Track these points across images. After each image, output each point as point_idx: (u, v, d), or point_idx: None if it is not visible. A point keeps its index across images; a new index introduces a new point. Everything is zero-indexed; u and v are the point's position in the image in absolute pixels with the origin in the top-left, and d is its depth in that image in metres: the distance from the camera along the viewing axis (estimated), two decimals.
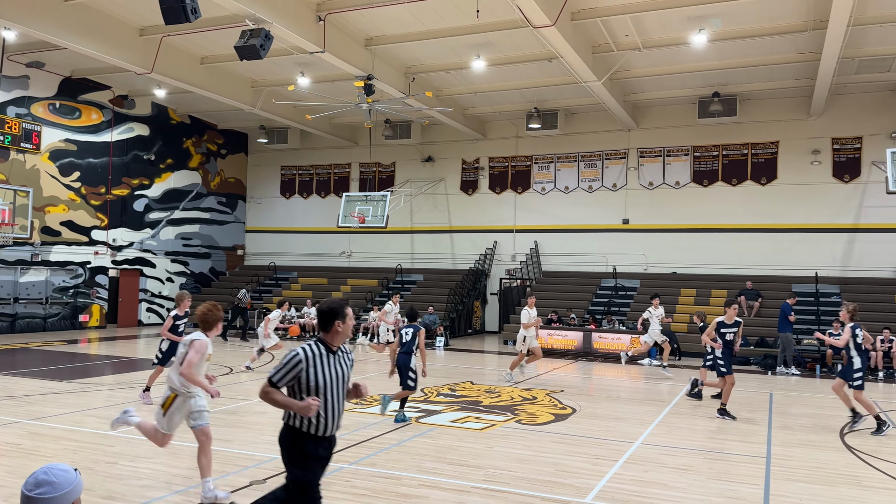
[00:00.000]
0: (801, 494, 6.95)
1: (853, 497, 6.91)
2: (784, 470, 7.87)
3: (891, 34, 17.32)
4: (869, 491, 7.14)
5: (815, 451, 8.87)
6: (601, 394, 13.68)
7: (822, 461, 8.37)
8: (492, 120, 27.25)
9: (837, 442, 9.46)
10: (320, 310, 4.56)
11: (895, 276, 21.74)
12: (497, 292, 26.84)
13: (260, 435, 9.03)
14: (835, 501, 6.76)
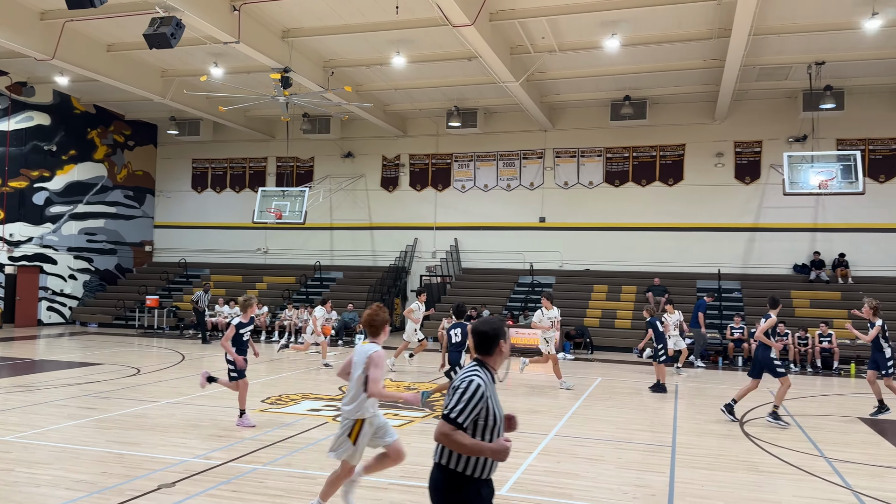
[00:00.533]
0: (704, 481, 7.29)
1: (751, 482, 7.31)
2: (688, 458, 8.24)
3: (788, 44, 18.40)
4: (766, 476, 7.57)
5: (717, 440, 9.33)
6: (518, 387, 13.92)
7: (724, 449, 8.81)
8: (412, 117, 27.24)
9: (738, 431, 9.98)
10: (481, 331, 3.95)
11: (791, 272, 23.14)
12: (418, 289, 26.84)
13: (168, 437, 8.71)
14: (734, 487, 7.13)
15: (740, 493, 6.89)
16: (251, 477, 7.02)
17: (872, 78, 20.93)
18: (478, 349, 3.96)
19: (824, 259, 22.64)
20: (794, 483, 7.29)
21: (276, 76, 18.31)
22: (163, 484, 6.67)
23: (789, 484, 7.24)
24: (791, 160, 18.38)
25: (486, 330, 3.92)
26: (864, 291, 21.27)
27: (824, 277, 22.23)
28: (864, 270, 22.37)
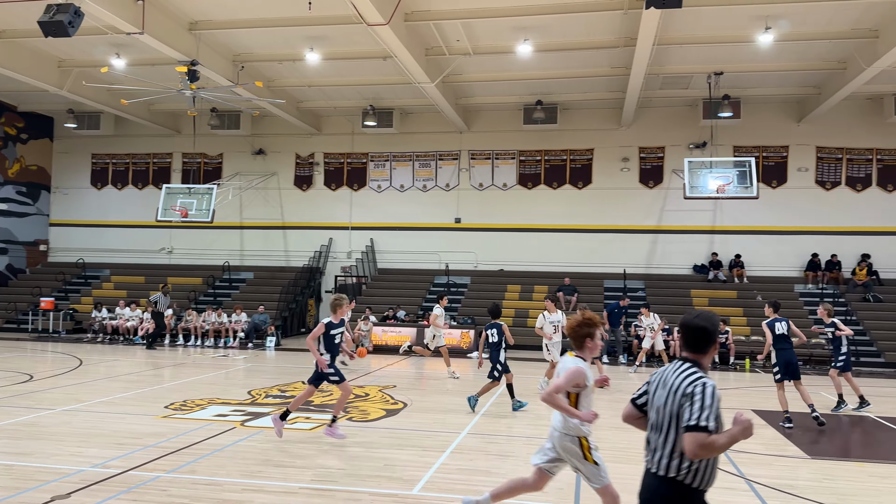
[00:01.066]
0: (612, 473, 7.53)
1: None
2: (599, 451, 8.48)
3: (690, 54, 19.33)
4: None
5: (625, 433, 9.63)
6: (432, 387, 13.98)
7: (631, 442, 9.12)
8: (327, 115, 26.90)
9: None
10: (698, 326, 3.60)
11: (691, 272, 24.31)
12: (332, 290, 26.52)
13: (63, 446, 8.22)
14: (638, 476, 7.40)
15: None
16: (153, 485, 6.72)
17: (766, 89, 22.27)
18: (692, 346, 3.66)
19: (721, 260, 23.92)
20: None
21: (183, 69, 17.65)
22: (56, 495, 6.29)
23: None
24: (691, 165, 19.30)
25: (703, 325, 3.61)
26: (758, 290, 22.67)
27: (722, 277, 23.49)
28: (758, 270, 23.78)
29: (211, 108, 24.81)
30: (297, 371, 15.76)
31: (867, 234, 23.18)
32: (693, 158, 20.20)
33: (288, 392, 12.50)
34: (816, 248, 23.31)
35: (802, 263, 23.51)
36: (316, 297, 26.59)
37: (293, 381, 13.97)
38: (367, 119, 24.74)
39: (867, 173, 23.49)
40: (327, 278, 26.82)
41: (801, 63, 19.79)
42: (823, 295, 21.98)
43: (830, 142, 23.63)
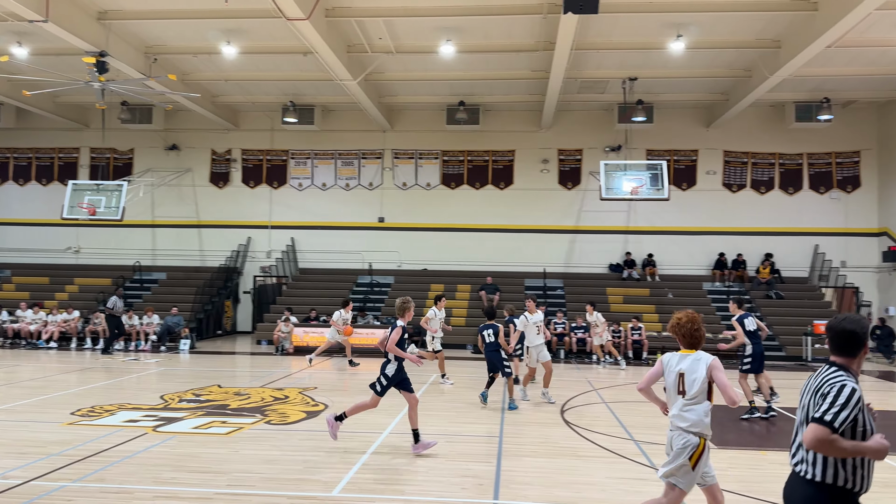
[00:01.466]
0: (527, 468, 7.69)
1: (572, 467, 7.81)
2: (514, 447, 8.65)
3: (606, 60, 19.91)
4: (582, 460, 8.13)
5: (540, 428, 9.87)
6: (354, 388, 13.85)
7: (546, 437, 9.34)
8: (245, 110, 26.23)
9: (559, 419, 10.63)
10: (847, 330, 3.51)
11: (607, 271, 25.07)
12: (251, 290, 25.90)
13: None
14: (555, 472, 7.59)
15: (559, 477, 7.34)
16: (58, 496, 6.38)
17: (677, 94, 23.21)
18: (840, 350, 3.58)
19: (635, 259, 24.78)
20: (608, 465, 7.89)
21: (91, 60, 16.79)
22: None
23: (603, 466, 7.83)
24: (607, 168, 19.89)
25: (853, 329, 3.52)
26: (669, 288, 23.60)
27: (635, 276, 24.34)
28: (669, 269, 24.76)
29: (121, 101, 23.76)
30: (213, 374, 15.30)
31: (770, 235, 24.53)
32: (609, 161, 20.82)
33: (203, 396, 12.12)
34: (723, 247, 24.49)
35: (710, 262, 24.65)
36: (233, 298, 25.88)
37: (208, 384, 13.55)
38: (288, 115, 24.28)
39: (770, 177, 24.85)
40: (245, 278, 26.16)
41: (709, 70, 20.74)
42: (730, 292, 23.10)
43: (737, 146, 24.87)
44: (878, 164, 24.22)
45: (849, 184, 24.50)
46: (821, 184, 24.61)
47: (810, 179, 24.65)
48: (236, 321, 26.22)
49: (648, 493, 6.85)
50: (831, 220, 24.44)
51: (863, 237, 24.26)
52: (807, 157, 24.65)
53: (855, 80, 21.19)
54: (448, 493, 6.74)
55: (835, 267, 23.79)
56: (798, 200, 24.65)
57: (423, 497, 6.59)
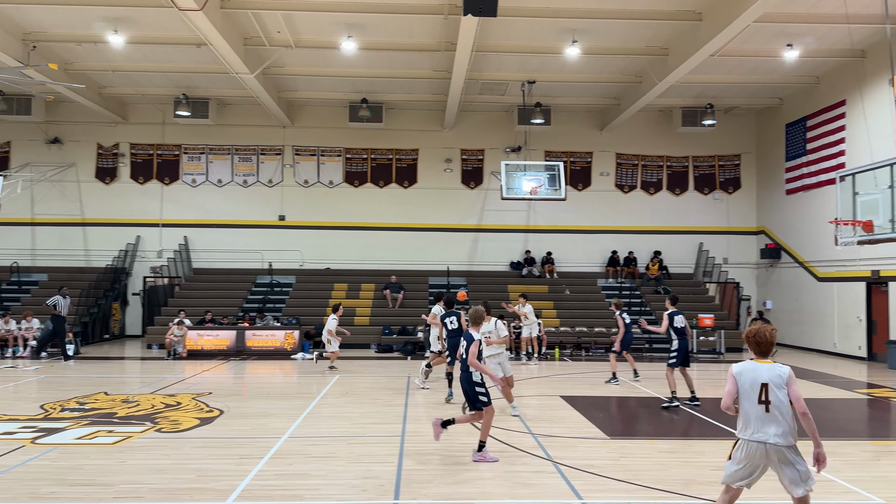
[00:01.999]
0: (429, 466, 7.72)
1: (472, 463, 7.90)
2: (416, 446, 8.66)
3: (506, 62, 20.31)
4: None
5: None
6: (253, 393, 13.48)
7: (448, 435, 9.39)
8: (134, 102, 24.96)
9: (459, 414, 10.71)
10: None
11: (508, 269, 25.59)
12: (140, 292, 24.67)
13: None
14: (456, 469, 7.66)
15: (460, 474, 7.41)
16: None
17: (573, 98, 23.99)
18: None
19: (535, 257, 25.44)
20: (506, 459, 8.05)
21: None
22: None
23: (502, 461, 7.97)
24: (508, 168, 20.26)
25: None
26: (567, 285, 24.37)
27: (535, 273, 24.99)
28: (567, 266, 25.58)
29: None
30: (99, 381, 14.45)
31: (659, 233, 25.81)
32: (509, 161, 21.23)
33: (88, 405, 11.43)
34: (616, 245, 25.55)
35: (604, 260, 25.66)
36: (122, 300, 24.57)
37: (94, 391, 12.79)
38: (180, 108, 23.29)
39: (659, 178, 26.14)
40: (135, 279, 24.91)
41: (603, 75, 21.56)
42: (622, 288, 24.14)
43: (628, 149, 26.00)
44: (756, 166, 25.97)
45: (730, 185, 26.14)
46: (705, 185, 26.13)
47: (695, 181, 26.12)
48: (125, 325, 24.91)
49: (545, 485, 7.05)
50: (714, 220, 26.00)
51: (743, 235, 25.97)
52: (692, 159, 26.11)
53: (736, 88, 22.63)
54: (347, 496, 6.66)
55: (718, 263, 25.32)
56: (684, 201, 26.07)
57: (321, 501, 6.49)
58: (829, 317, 21.44)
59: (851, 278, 20.27)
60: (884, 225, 12.17)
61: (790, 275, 23.67)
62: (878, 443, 9.31)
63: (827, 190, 20.55)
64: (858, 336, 20.05)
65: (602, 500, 6.54)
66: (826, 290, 21.56)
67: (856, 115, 19.72)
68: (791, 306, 23.57)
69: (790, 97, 23.47)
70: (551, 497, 6.65)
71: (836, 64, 20.25)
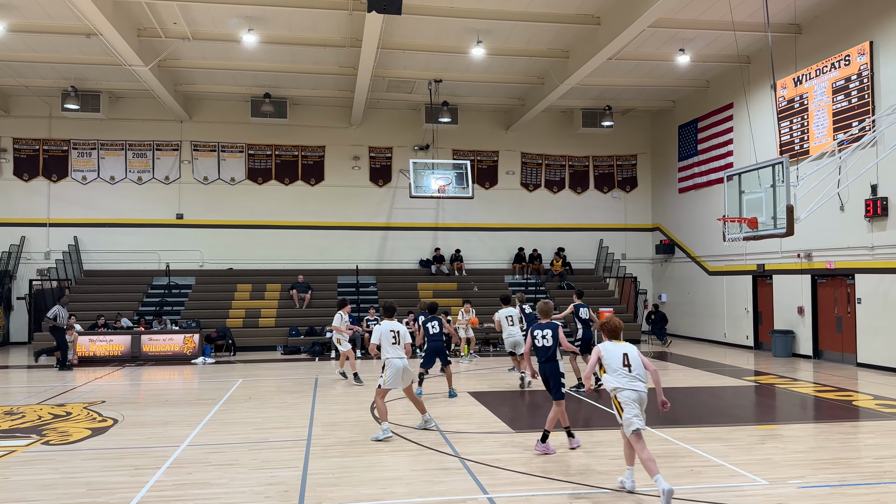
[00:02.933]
0: (335, 469, 7.62)
1: (377, 463, 7.86)
2: (322, 448, 8.53)
3: (412, 60, 20.30)
4: (389, 455, 8.22)
5: (349, 428, 9.84)
6: (150, 400, 12.87)
7: (355, 436, 9.33)
8: (17, 94, 23.31)
9: (368, 416, 10.67)
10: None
11: (417, 267, 25.63)
12: (25, 296, 23.08)
13: None
14: (362, 469, 7.59)
15: (367, 475, 7.36)
16: None
17: (479, 98, 24.29)
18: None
19: (444, 254, 25.61)
20: (413, 458, 8.06)
21: None
22: None
23: (409, 459, 7.98)
24: (416, 166, 20.32)
25: None
26: (475, 281, 24.67)
27: (444, 270, 25.15)
28: (475, 264, 25.90)
29: None
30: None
31: (561, 230, 26.56)
32: (417, 160, 21.26)
33: None
34: (522, 242, 26.10)
35: (511, 256, 26.16)
36: (5, 304, 22.90)
37: None
38: (69, 101, 21.93)
39: (561, 177, 26.89)
40: (20, 282, 23.27)
41: (507, 76, 21.94)
42: (528, 284, 24.69)
43: (532, 148, 26.60)
44: (651, 166, 27.16)
45: (628, 184, 27.23)
46: (604, 184, 27.11)
47: (595, 180, 27.04)
48: (9, 331, 23.23)
49: (451, 481, 7.10)
50: (613, 217, 27.02)
51: (639, 232, 27.12)
52: (592, 159, 27.01)
53: (632, 90, 23.57)
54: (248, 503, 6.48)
55: (617, 259, 26.33)
56: (585, 199, 26.95)
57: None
58: (719, 308, 22.73)
59: (739, 272, 21.56)
60: (767, 222, 12.99)
61: (683, 269, 24.93)
62: (764, 427, 9.95)
63: (716, 189, 21.76)
64: (746, 326, 21.36)
65: (507, 494, 6.65)
66: (716, 283, 22.84)
67: (742, 118, 20.97)
68: (684, 299, 24.82)
69: (682, 100, 24.69)
70: (458, 494, 6.70)
71: (724, 69, 21.45)
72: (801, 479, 7.10)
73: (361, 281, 24.30)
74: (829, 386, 13.62)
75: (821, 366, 16.93)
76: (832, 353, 17.79)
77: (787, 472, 7.40)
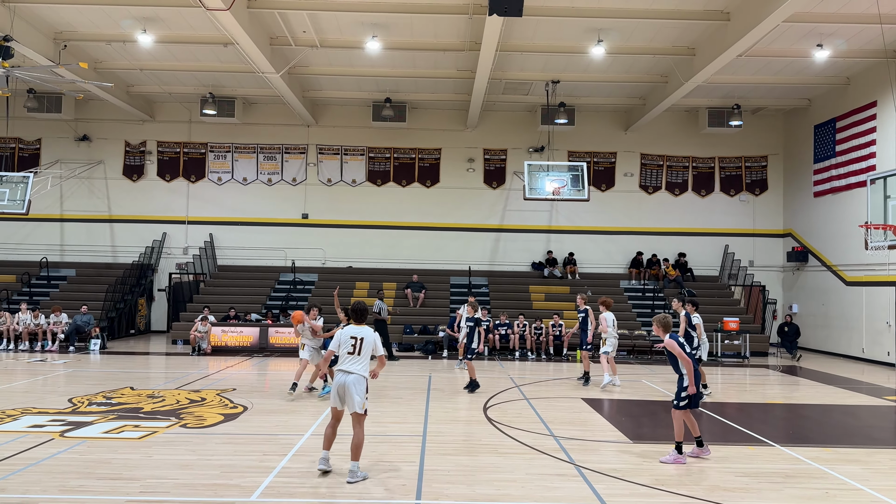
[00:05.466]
0: (450, 466, 7.73)
1: (492, 464, 7.90)
2: (437, 445, 8.68)
3: (529, 62, 20.24)
4: (504, 457, 8.24)
5: (463, 427, 9.95)
6: (276, 389, 13.57)
7: (469, 435, 9.42)
8: (161, 101, 25.27)
9: (482, 416, 10.74)
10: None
11: (529, 269, 25.51)
12: (166, 288, 24.98)
13: None
14: (476, 469, 7.66)
15: (482, 475, 7.41)
16: None
17: (598, 98, 23.83)
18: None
19: (556, 257, 25.33)
20: (528, 462, 8.03)
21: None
22: None
23: (524, 463, 7.96)
24: (531, 168, 20.20)
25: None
26: (589, 286, 24.21)
27: (557, 274, 24.88)
28: (589, 267, 25.43)
29: (28, 88, 22.46)
30: (125, 376, 14.68)
31: (683, 235, 25.55)
32: (532, 162, 21.15)
33: (115, 399, 11.61)
34: (639, 246, 25.34)
35: (627, 261, 25.46)
36: (147, 295, 24.91)
37: (120, 386, 12.99)
38: (206, 107, 23.54)
39: (684, 179, 25.88)
40: (161, 276, 25.23)
41: (628, 75, 21.39)
42: (645, 290, 23.93)
43: (653, 149, 25.77)
44: (783, 168, 25.61)
45: (757, 187, 25.80)
46: (731, 187, 25.82)
47: (721, 182, 25.82)
48: (150, 320, 25.24)
49: (567, 488, 7.02)
50: (740, 222, 25.68)
51: (769, 238, 25.62)
52: (718, 160, 25.80)
53: (763, 88, 22.33)
54: (367, 495, 6.70)
55: (743, 266, 25.00)
56: (709, 202, 25.78)
57: (345, 500, 6.52)
58: (856, 321, 21.08)
59: (880, 283, 19.91)
60: None
61: (817, 278, 23.31)
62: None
63: (856, 193, 20.21)
64: (887, 341, 19.68)
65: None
66: (854, 294, 21.20)
67: (887, 117, 19.36)
68: (818, 310, 23.20)
69: (819, 98, 23.11)
70: (574, 500, 6.61)
71: (867, 64, 19.89)
72: None
73: (474, 282, 24.48)
74: None
75: None
76: None
77: None
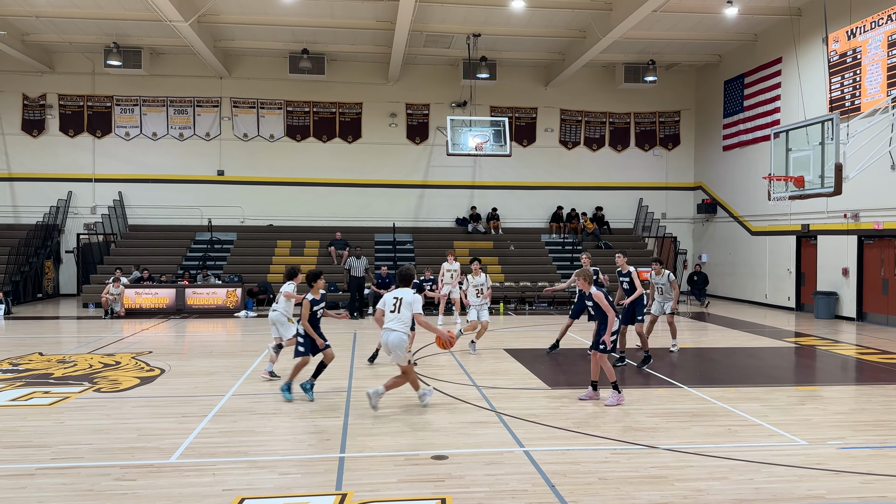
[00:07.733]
0: (374, 422, 7.80)
1: (415, 415, 8.02)
2: (362, 402, 8.70)
3: (450, 14, 19.98)
4: (428, 409, 8.37)
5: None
6: (195, 351, 13.28)
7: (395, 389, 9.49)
8: (61, 51, 23.65)
9: None
10: None
11: (454, 225, 25.65)
12: (74, 250, 23.80)
13: None
14: (400, 422, 7.76)
15: (404, 427, 7.52)
16: None
17: (519, 53, 23.85)
18: None
19: (480, 213, 25.55)
20: (450, 412, 8.20)
21: None
22: None
23: (447, 414, 8.12)
24: (453, 124, 20.13)
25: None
26: (511, 240, 24.63)
27: (480, 229, 25.14)
28: (512, 222, 25.80)
29: None
30: (33, 341, 14.01)
31: (600, 189, 26.21)
32: (455, 117, 21.07)
33: (22, 365, 11.08)
34: (560, 201, 25.86)
35: (548, 215, 25.97)
36: (55, 258, 23.67)
37: (28, 352, 12.39)
38: (111, 58, 22.21)
39: (601, 135, 26.43)
40: (68, 236, 24.00)
41: (548, 30, 21.46)
42: (565, 244, 24.53)
43: (572, 105, 26.12)
44: (695, 123, 26.50)
45: (670, 142, 26.65)
46: (646, 142, 26.57)
47: (636, 137, 26.52)
48: (59, 283, 24.06)
49: (488, 434, 7.22)
50: (654, 176, 26.54)
51: (681, 191, 26.62)
52: (634, 116, 26.44)
53: (677, 44, 22.89)
54: (293, 451, 6.69)
55: (657, 218, 25.95)
56: (625, 157, 26.49)
57: (267, 457, 6.49)
58: (760, 269, 22.34)
59: (783, 232, 21.09)
60: (814, 181, 12.64)
61: (725, 229, 24.47)
62: (803, 388, 9.85)
63: (762, 146, 21.18)
64: (788, 287, 20.98)
65: (542, 448, 6.74)
66: (759, 243, 22.40)
67: (791, 73, 20.25)
68: (725, 259, 24.43)
69: (729, 54, 23.90)
70: (494, 446, 6.82)
71: (774, 21, 20.66)
72: (840, 441, 7.04)
73: (398, 238, 24.44)
74: (872, 348, 13.38)
75: (864, 328, 16.60)
76: (877, 316, 17.42)
77: (826, 433, 7.34)
